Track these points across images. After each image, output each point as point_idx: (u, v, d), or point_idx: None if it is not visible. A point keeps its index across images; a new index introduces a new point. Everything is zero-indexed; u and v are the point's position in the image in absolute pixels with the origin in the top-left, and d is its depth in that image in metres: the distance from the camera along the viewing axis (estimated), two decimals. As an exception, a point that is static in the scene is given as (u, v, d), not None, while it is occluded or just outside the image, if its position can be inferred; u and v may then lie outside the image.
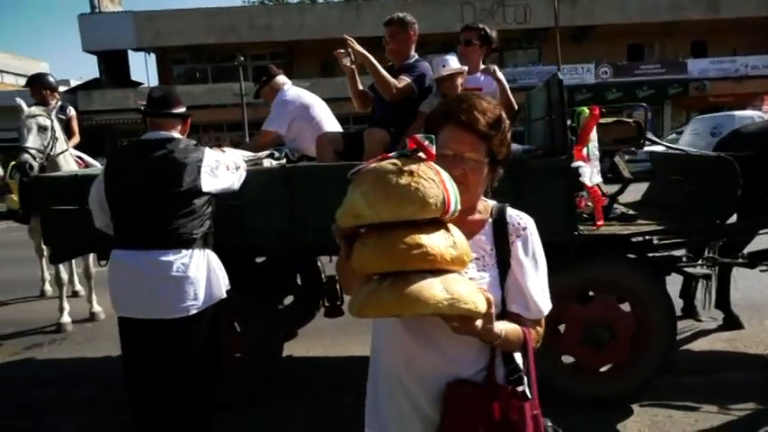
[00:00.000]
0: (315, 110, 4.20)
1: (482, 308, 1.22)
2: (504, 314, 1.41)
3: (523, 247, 1.44)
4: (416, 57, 3.96)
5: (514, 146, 3.81)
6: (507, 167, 1.52)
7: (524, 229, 1.46)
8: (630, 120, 3.54)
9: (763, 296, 4.81)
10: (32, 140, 4.57)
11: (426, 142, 1.26)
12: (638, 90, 25.25)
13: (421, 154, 1.25)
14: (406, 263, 1.18)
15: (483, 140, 1.41)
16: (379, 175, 1.21)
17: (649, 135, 3.84)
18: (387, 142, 3.62)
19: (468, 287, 1.22)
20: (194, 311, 2.62)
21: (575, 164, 3.10)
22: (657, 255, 3.65)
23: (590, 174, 3.15)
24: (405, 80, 3.74)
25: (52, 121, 4.96)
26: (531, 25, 25.26)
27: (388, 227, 1.19)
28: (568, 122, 3.40)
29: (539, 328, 1.48)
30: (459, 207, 1.25)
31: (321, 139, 3.92)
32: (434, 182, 1.20)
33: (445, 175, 1.25)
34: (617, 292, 3.37)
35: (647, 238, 3.54)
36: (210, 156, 2.78)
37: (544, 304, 1.46)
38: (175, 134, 2.78)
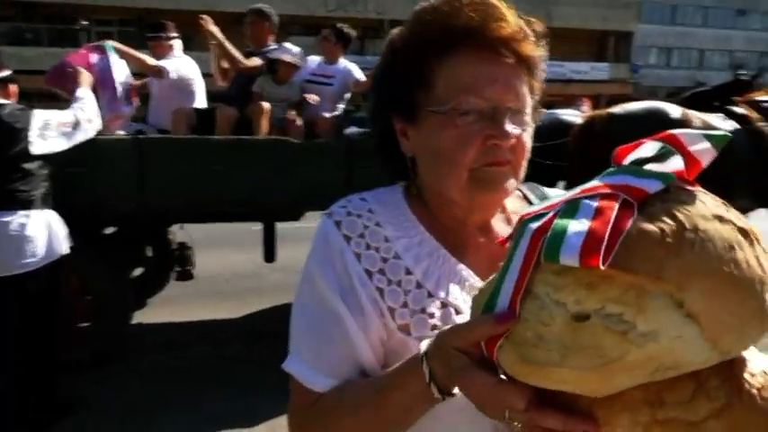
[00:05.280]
0: (195, 84, 4.39)
1: None
2: None
3: None
4: (273, 45, 4.35)
5: (352, 129, 4.28)
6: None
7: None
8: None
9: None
10: None
11: (696, 145, 0.61)
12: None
13: (674, 163, 0.61)
14: None
15: (528, 74, 0.82)
16: (721, 260, 0.53)
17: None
18: (235, 119, 4.00)
19: None
20: (32, 268, 2.76)
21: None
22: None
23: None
24: (256, 60, 4.17)
25: None
26: (387, 16, 26.23)
27: None
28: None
29: None
30: None
31: (176, 113, 4.12)
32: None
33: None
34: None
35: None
36: (39, 118, 2.83)
37: None
38: (0, 99, 2.80)
